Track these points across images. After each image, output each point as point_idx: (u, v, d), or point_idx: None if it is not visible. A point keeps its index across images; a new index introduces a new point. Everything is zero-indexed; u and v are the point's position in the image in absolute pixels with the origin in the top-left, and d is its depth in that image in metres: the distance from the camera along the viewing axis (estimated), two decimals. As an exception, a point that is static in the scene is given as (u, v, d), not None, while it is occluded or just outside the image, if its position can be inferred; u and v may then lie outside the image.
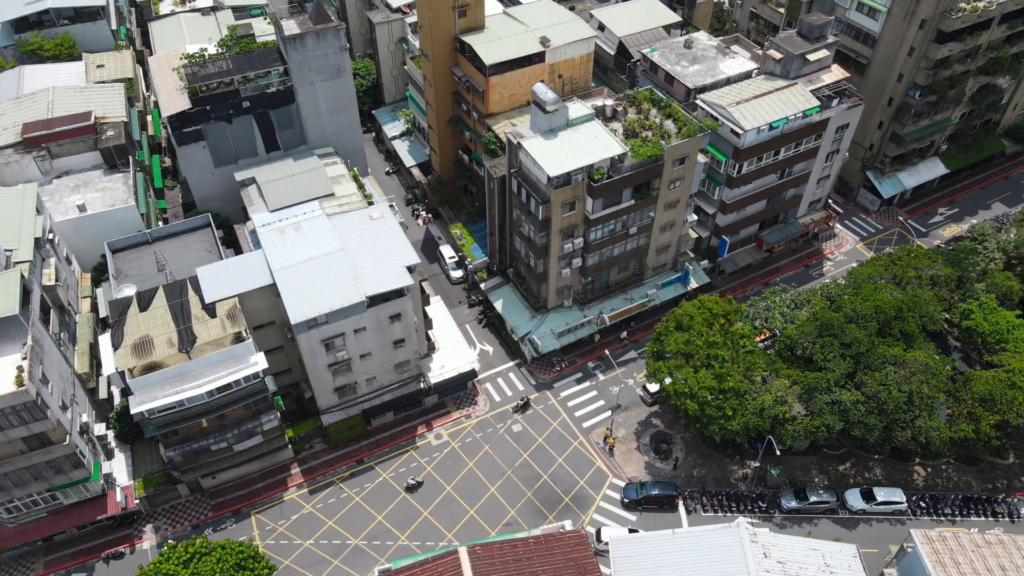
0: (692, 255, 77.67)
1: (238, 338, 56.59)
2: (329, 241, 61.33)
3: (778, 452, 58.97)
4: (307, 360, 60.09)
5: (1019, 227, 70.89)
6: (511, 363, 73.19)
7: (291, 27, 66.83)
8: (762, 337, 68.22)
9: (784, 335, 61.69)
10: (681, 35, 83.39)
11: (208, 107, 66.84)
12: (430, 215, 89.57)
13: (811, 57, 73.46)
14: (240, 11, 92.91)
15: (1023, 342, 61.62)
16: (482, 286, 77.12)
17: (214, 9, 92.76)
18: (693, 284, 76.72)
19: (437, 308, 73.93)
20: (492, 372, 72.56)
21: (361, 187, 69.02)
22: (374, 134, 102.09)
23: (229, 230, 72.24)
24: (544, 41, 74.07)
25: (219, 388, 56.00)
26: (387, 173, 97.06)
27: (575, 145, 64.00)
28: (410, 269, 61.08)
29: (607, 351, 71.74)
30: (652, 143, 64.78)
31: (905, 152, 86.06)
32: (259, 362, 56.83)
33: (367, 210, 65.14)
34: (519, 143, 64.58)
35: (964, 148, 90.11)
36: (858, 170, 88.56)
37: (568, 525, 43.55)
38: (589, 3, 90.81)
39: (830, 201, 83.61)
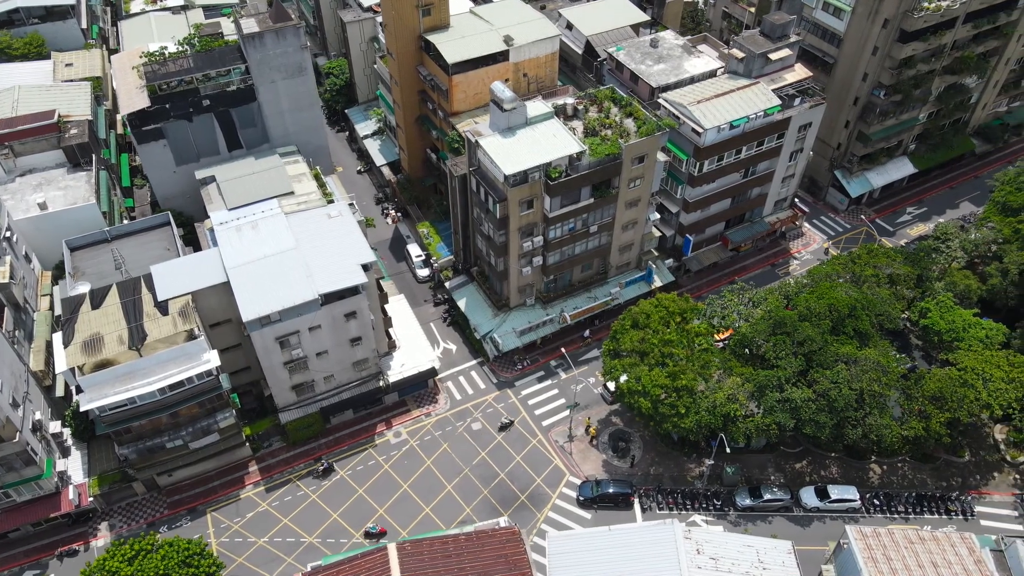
0: (656, 254, 77.72)
1: (191, 336, 56.64)
2: (284, 239, 61.40)
3: (728, 450, 59.08)
4: (262, 358, 60.14)
5: (978, 227, 70.93)
6: (474, 361, 73.26)
7: (250, 25, 66.90)
8: (724, 335, 68.32)
9: (738, 333, 61.80)
10: (650, 35, 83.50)
11: (167, 105, 66.88)
12: (399, 214, 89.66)
13: (773, 56, 73.60)
14: (210, 10, 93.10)
15: (977, 341, 61.78)
16: (446, 284, 77.22)
17: (184, 8, 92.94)
18: (657, 283, 76.81)
19: (399, 306, 74.01)
20: (454, 370, 72.63)
21: (322, 186, 69.09)
22: (347, 133, 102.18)
23: (193, 228, 72.24)
24: (508, 40, 74.18)
25: (171, 386, 56.09)
26: (359, 172, 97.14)
27: (533, 143, 64.08)
28: (366, 267, 61.16)
29: (563, 350, 71.53)
30: (611, 142, 64.88)
31: (873, 151, 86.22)
32: (212, 359, 56.91)
33: (325, 208, 65.19)
34: (477, 141, 64.68)
35: (933, 147, 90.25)
36: (826, 169, 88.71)
37: (503, 522, 43.68)
38: (560, 2, 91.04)
39: (796, 200, 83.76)
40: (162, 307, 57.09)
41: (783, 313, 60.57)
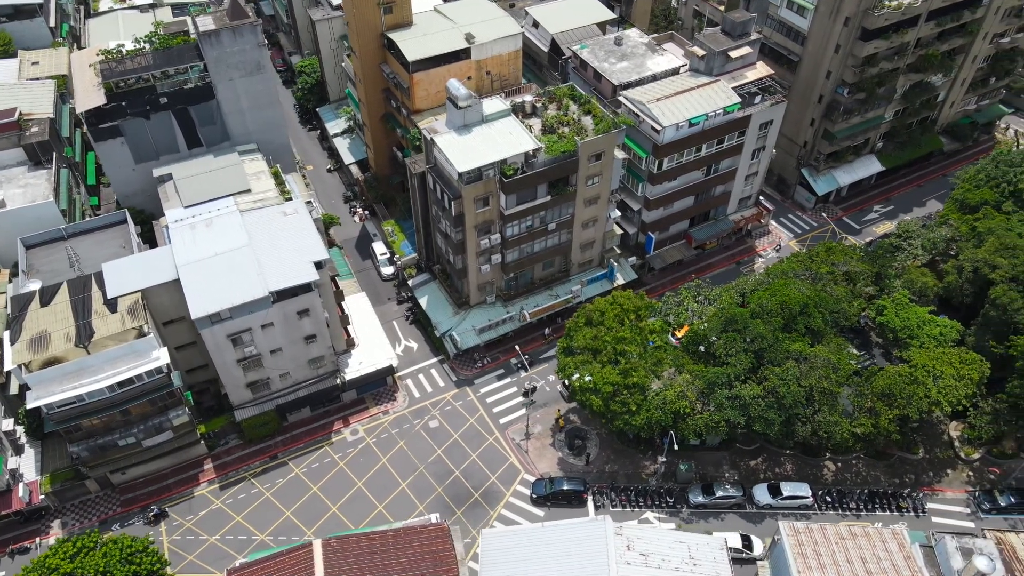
0: (619, 251, 77.73)
1: (140, 333, 56.60)
2: (237, 236, 61.34)
3: (676, 447, 59.10)
4: (214, 356, 60.10)
5: (938, 226, 70.90)
6: (434, 359, 73.27)
7: (206, 23, 66.89)
8: (682, 333, 68.31)
9: (691, 330, 61.82)
10: (618, 32, 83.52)
11: (124, 103, 66.83)
12: (366, 212, 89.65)
13: (733, 54, 73.65)
14: (179, 8, 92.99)
15: (930, 338, 61.79)
16: (409, 283, 77.20)
17: (153, 6, 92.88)
18: (620, 280, 76.79)
19: (360, 304, 74.04)
20: (414, 368, 72.65)
21: (280, 184, 69.12)
22: (319, 132, 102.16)
23: (152, 226, 72.21)
24: (469, 38, 74.16)
25: (120, 383, 56.09)
26: (328, 170, 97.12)
27: (488, 141, 64.08)
28: (319, 265, 61.19)
29: (516, 347, 71.40)
30: (567, 139, 64.86)
31: (839, 149, 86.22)
32: (161, 357, 56.92)
33: (281, 206, 65.13)
34: (432, 139, 64.68)
35: (901, 146, 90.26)
36: (794, 167, 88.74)
37: (435, 519, 43.68)
38: (530, 0, 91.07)
39: (761, 198, 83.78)
40: (111, 305, 57.06)
41: (735, 310, 60.59)
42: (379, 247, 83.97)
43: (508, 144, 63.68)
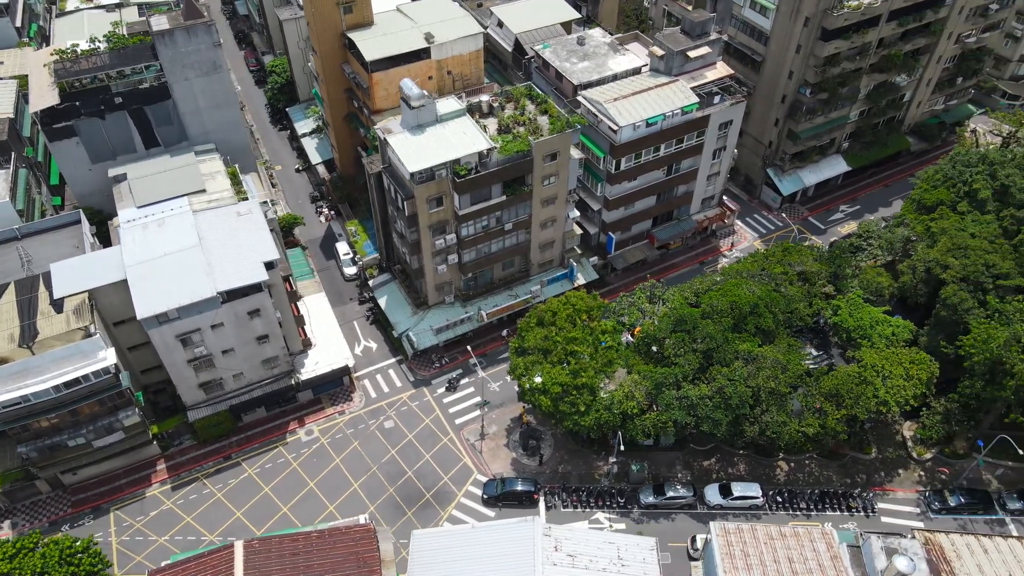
0: (580, 251, 77.67)
1: (87, 334, 56.49)
2: (187, 237, 61.21)
3: (622, 448, 59.07)
4: (163, 356, 60.00)
5: (895, 226, 70.86)
6: (393, 360, 73.19)
7: (160, 23, 66.71)
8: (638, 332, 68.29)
9: (642, 330, 61.77)
10: (582, 32, 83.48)
11: (78, 103, 66.63)
12: (332, 212, 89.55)
13: (692, 54, 73.61)
14: (146, 7, 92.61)
15: (882, 338, 61.76)
16: (370, 283, 77.11)
17: (119, 6, 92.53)
18: (581, 280, 76.71)
19: (319, 304, 73.94)
20: (372, 368, 72.57)
21: (237, 184, 68.97)
22: (288, 131, 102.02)
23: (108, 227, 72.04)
24: (428, 37, 74.06)
25: (66, 383, 55.97)
26: (297, 170, 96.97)
27: (441, 140, 64.02)
28: (270, 265, 61.09)
29: (468, 348, 71.04)
30: (521, 139, 64.79)
31: (805, 149, 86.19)
32: (108, 357, 56.83)
33: (235, 207, 64.97)
34: (386, 139, 64.62)
35: (867, 146, 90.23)
36: (760, 167, 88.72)
37: (363, 519, 43.60)
38: (499, 0, 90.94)
39: (724, 198, 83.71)
40: (57, 305, 56.96)
41: (685, 311, 60.57)
42: (343, 247, 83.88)
43: (461, 144, 63.62)
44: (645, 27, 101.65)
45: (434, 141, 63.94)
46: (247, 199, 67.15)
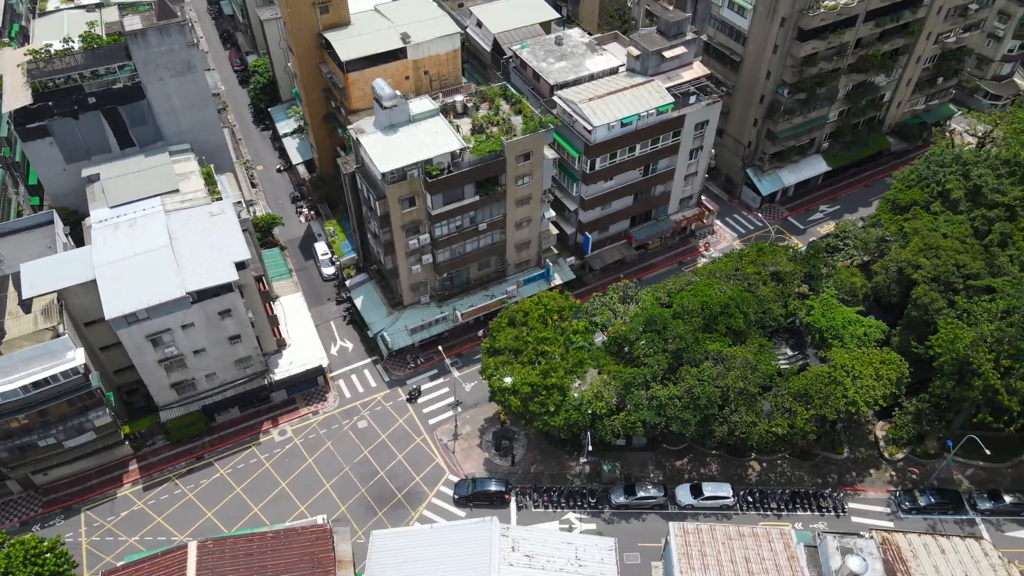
0: (557, 252, 77.67)
1: (56, 334, 56.46)
2: (158, 237, 61.17)
3: (590, 448, 59.06)
4: (133, 356, 59.97)
5: (871, 227, 70.90)
6: (368, 360, 73.16)
7: (133, 22, 66.66)
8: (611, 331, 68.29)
9: (613, 331, 61.77)
10: (560, 32, 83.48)
11: (51, 103, 66.56)
12: (312, 212, 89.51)
13: (668, 54, 73.63)
14: (126, 7, 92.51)
15: (854, 338, 61.74)
16: (347, 283, 77.09)
17: (99, 6, 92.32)
18: (557, 280, 76.69)
19: (295, 304, 73.96)
20: (348, 368, 72.56)
21: (211, 184, 68.94)
22: (271, 131, 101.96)
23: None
24: (404, 37, 73.98)
25: (34, 383, 55.96)
26: (278, 170, 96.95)
27: (414, 140, 64.03)
28: (242, 265, 61.08)
29: (440, 348, 71.10)
30: (494, 139, 64.77)
31: (784, 149, 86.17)
32: (77, 357, 56.82)
33: (208, 207, 64.93)
34: (358, 139, 64.60)
35: (847, 146, 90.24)
36: (739, 167, 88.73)
37: (320, 519, 43.58)
38: (480, 0, 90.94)
39: (703, 198, 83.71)
40: (25, 305, 56.95)
41: (656, 311, 60.56)
42: (321, 247, 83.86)
43: (434, 144, 63.62)
44: (628, 27, 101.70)
45: (406, 141, 63.94)
46: (221, 199, 67.19)
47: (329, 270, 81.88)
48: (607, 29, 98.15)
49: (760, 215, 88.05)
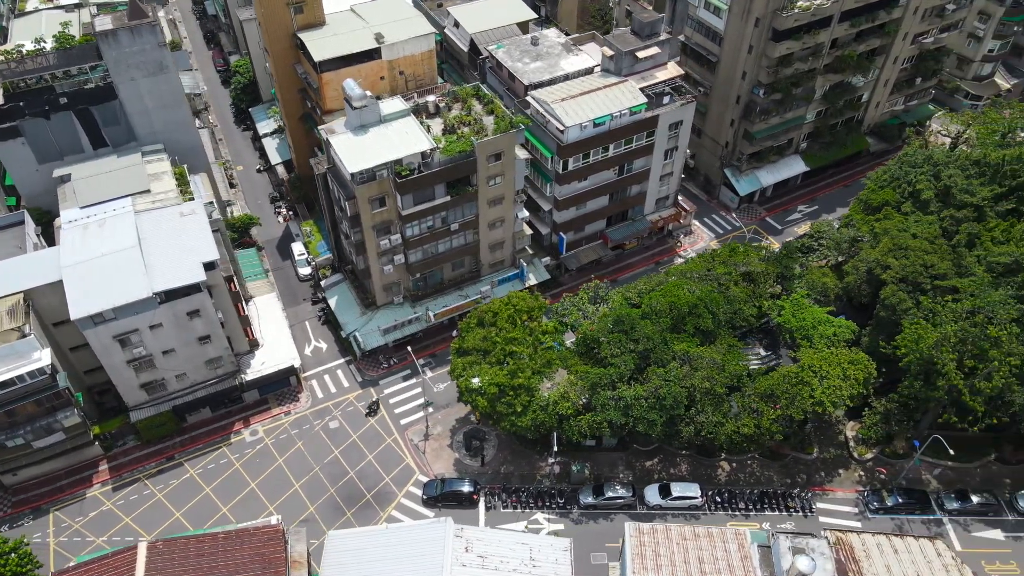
0: (531, 252, 77.67)
1: (22, 334, 56.44)
2: (127, 237, 61.14)
3: (554, 448, 59.09)
4: (101, 356, 59.94)
5: (844, 227, 70.94)
6: (342, 360, 73.17)
7: (104, 23, 66.64)
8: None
9: (581, 331, 61.77)
10: (537, 32, 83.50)
11: (22, 103, 66.51)
12: (291, 212, 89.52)
13: (641, 54, 73.66)
14: (105, 7, 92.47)
15: (823, 339, 61.75)
16: (322, 283, 77.09)
17: (79, 6, 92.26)
18: (532, 280, 76.72)
19: (269, 304, 73.96)
20: (321, 368, 72.57)
21: (184, 184, 68.94)
22: (252, 132, 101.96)
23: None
24: (379, 38, 73.99)
25: (1, 384, 55.90)
26: (258, 171, 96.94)
27: (384, 141, 64.06)
28: (211, 265, 61.08)
29: (409, 348, 70.70)
30: (464, 139, 64.78)
31: (762, 150, 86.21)
32: (43, 358, 56.80)
33: (179, 207, 64.90)
34: (328, 139, 64.62)
35: (826, 146, 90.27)
36: (718, 168, 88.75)
37: (274, 520, 43.59)
38: (459, 0, 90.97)
39: (680, 198, 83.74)
40: (-9, 305, 56.87)
41: (624, 311, 60.57)
42: (298, 248, 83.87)
43: (403, 144, 63.67)
44: (609, 27, 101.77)
45: (376, 141, 63.97)
46: (193, 199, 67.15)
47: (305, 270, 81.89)
48: (588, 29, 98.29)
49: (736, 215, 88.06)
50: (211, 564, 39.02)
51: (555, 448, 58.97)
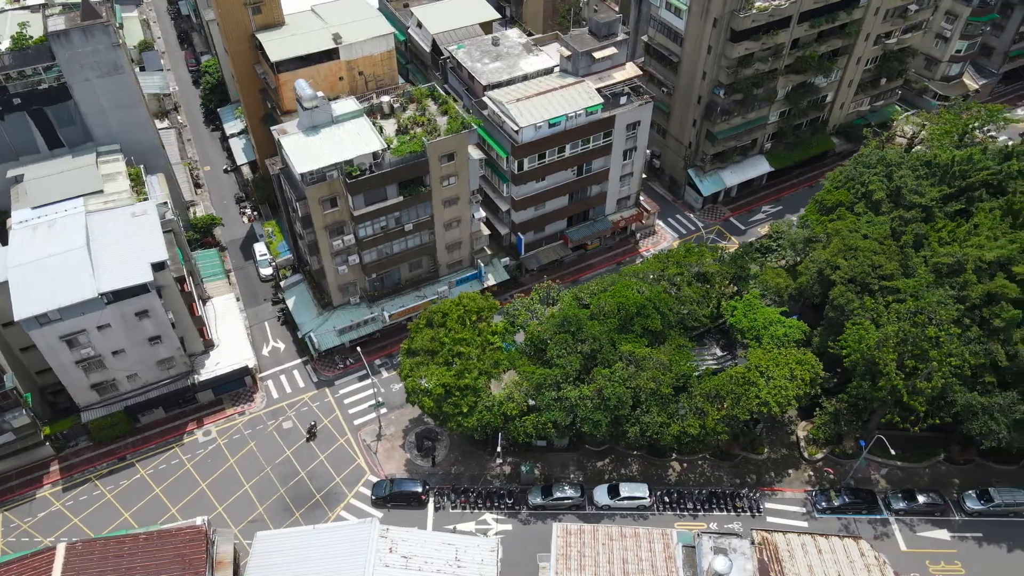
0: (491, 252, 77.69)
1: (-33, 335, 56.44)
2: (76, 237, 61.12)
3: (498, 449, 59.11)
4: (48, 357, 59.91)
5: (799, 228, 71.00)
6: (299, 360, 73.17)
7: (57, 23, 66.62)
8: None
9: (528, 331, 61.78)
10: (498, 32, 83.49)
11: (-26, 103, 66.60)
12: (255, 213, 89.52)
13: (598, 55, 73.69)
14: (72, 8, 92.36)
15: (774, 339, 61.78)
16: (282, 283, 77.09)
17: (44, 6, 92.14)
18: (491, 281, 76.76)
19: (227, 304, 73.98)
20: (278, 369, 72.57)
21: (139, 184, 68.95)
22: (220, 132, 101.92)
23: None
24: (336, 38, 73.93)
25: (-56, 385, 55.93)
26: (225, 171, 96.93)
27: (335, 141, 64.07)
28: (161, 266, 61.08)
29: (358, 348, 70.10)
30: (416, 139, 64.81)
31: (725, 150, 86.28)
32: (-12, 359, 56.76)
33: (131, 208, 64.90)
34: (279, 139, 64.63)
35: (790, 146, 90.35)
36: (682, 168, 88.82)
37: (199, 521, 43.58)
38: (425, 1, 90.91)
39: (642, 199, 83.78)
40: (-65, 306, 56.84)
41: (573, 311, 60.59)
42: (260, 248, 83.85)
43: (354, 145, 63.68)
44: (581, 28, 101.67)
45: (327, 142, 63.98)
46: (147, 199, 67.14)
47: (267, 271, 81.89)
48: (557, 30, 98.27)
49: (698, 215, 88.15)
50: (130, 565, 39.03)
51: (498, 449, 59.02)
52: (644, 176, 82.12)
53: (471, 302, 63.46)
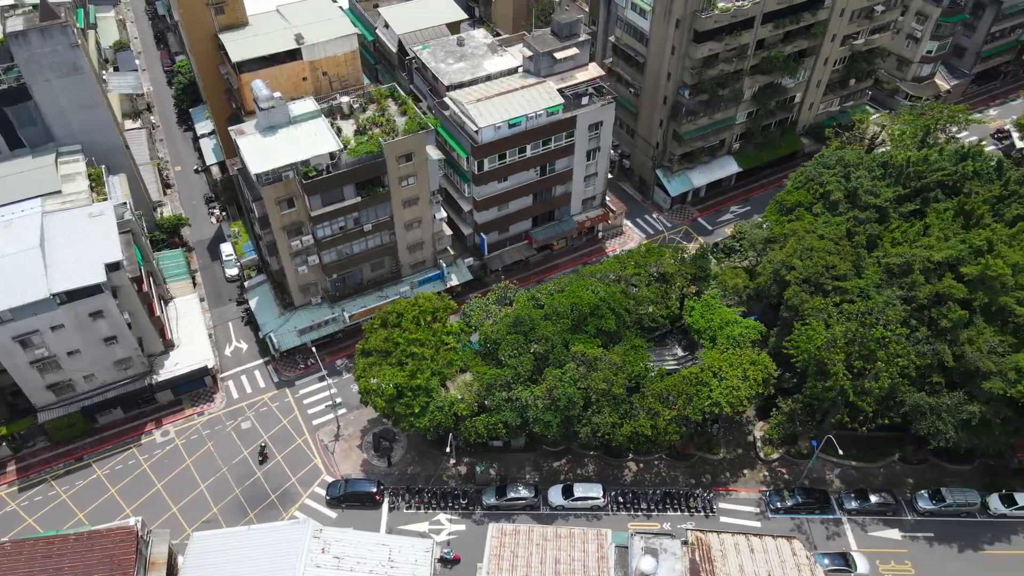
0: (454, 252, 77.74)
1: (-82, 335, 56.41)
2: (30, 238, 61.09)
3: (448, 450, 59.14)
4: (1, 358, 59.88)
5: (759, 227, 71.13)
6: (260, 360, 73.19)
7: (15, 24, 66.58)
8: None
9: (481, 332, 61.81)
10: (463, 33, 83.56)
11: (-67, 104, 66.58)
12: (224, 213, 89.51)
13: (559, 55, 73.73)
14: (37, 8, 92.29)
15: (729, 339, 61.84)
16: (245, 284, 77.11)
17: (14, 7, 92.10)
18: (454, 281, 76.82)
19: (189, 305, 73.99)
20: (239, 369, 72.58)
21: (99, 185, 68.93)
22: (192, 132, 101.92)
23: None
24: (299, 38, 73.98)
25: None
26: (195, 171, 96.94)
27: (291, 142, 64.11)
28: (115, 266, 61.07)
29: (313, 348, 70.27)
30: (373, 140, 64.84)
31: (693, 150, 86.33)
32: (-61, 360, 56.72)
33: (88, 208, 64.88)
34: (236, 140, 64.65)
35: (759, 147, 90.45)
36: (650, 168, 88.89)
37: (132, 521, 43.59)
38: (395, 1, 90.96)
39: (608, 198, 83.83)
40: None
41: (526, 312, 60.63)
42: (226, 248, 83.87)
43: (310, 145, 63.73)
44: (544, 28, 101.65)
45: (283, 142, 64.02)
46: (107, 199, 67.11)
47: (232, 271, 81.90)
48: (530, 30, 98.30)
49: (666, 216, 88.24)
50: (58, 566, 39.06)
51: (449, 449, 59.06)
52: (610, 176, 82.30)
53: (427, 302, 63.51)
